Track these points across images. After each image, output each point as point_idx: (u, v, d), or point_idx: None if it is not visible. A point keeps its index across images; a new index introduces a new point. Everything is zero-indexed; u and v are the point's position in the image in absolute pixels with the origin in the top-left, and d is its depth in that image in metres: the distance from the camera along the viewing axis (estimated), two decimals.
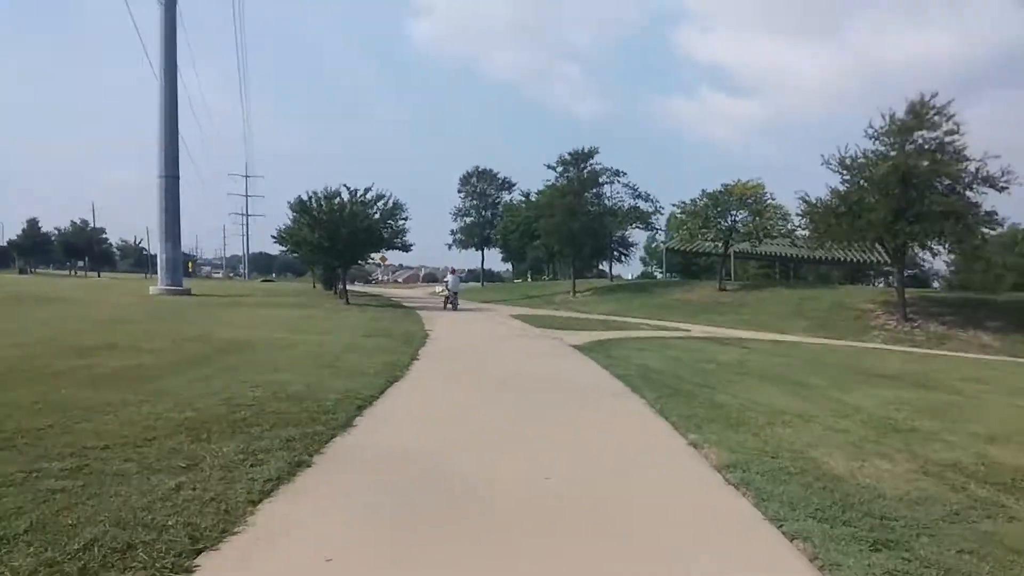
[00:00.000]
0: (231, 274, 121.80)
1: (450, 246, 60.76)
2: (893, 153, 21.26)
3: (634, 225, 38.64)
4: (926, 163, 20.67)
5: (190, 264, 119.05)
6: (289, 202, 25.88)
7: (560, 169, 36.61)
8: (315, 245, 26.49)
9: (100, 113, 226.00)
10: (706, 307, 28.79)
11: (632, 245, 51.63)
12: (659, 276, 72.88)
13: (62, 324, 13.42)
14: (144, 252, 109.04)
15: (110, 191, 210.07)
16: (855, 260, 46.55)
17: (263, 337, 12.56)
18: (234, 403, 6.14)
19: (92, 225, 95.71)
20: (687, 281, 40.55)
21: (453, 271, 30.26)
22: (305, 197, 25.86)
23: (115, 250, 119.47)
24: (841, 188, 22.44)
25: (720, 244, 32.65)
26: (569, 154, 36.29)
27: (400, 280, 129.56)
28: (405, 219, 28.58)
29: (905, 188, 20.76)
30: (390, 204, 27.52)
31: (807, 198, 23.51)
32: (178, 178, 32.25)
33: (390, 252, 32.28)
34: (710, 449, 5.56)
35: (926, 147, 21.14)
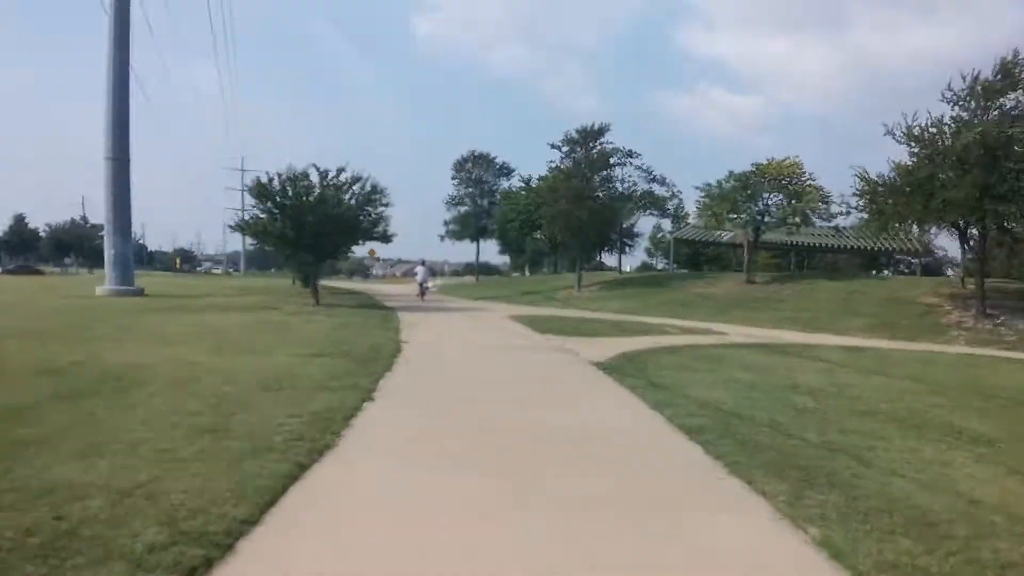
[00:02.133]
0: (231, 269, 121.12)
1: (443, 237, 56.86)
2: (976, 120, 17.87)
3: (648, 212, 35.15)
4: (1018, 130, 17.22)
5: (176, 261, 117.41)
6: (246, 186, 22.11)
7: (566, 149, 32.92)
8: (279, 236, 22.79)
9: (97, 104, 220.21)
10: (735, 302, 25.25)
11: (637, 236, 48.33)
12: (661, 268, 69.40)
13: None
14: (145, 248, 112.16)
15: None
16: (869, 248, 43.30)
17: (168, 361, 8.96)
18: None
19: (89, 221, 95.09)
20: (708, 273, 37.01)
21: (423, 263, 32.46)
22: (264, 179, 22.12)
23: None
24: (908, 163, 19.07)
25: (750, 231, 29.05)
26: (576, 131, 32.65)
27: (398, 274, 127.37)
28: (386, 205, 24.86)
29: (993, 160, 17.30)
30: (367, 188, 23.82)
31: (865, 175, 20.04)
32: (128, 161, 28.41)
33: (373, 244, 28.65)
34: None
35: (1015, 111, 17.75)
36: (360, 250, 32.05)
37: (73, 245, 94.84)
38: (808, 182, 27.25)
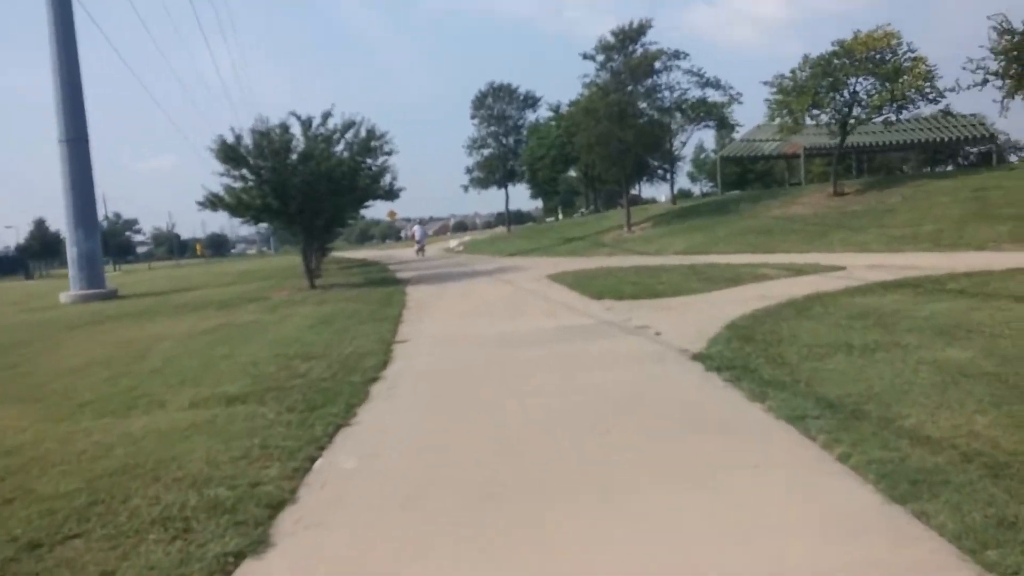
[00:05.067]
0: (263, 248, 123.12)
1: (466, 187, 52.23)
2: None
3: (703, 124, 30.53)
4: None
5: (198, 247, 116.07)
6: (210, 148, 18.08)
7: (601, 59, 28.19)
8: (260, 208, 18.96)
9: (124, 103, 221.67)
10: (830, 223, 20.81)
11: (679, 159, 42.79)
12: (705, 193, 64.25)
13: None
14: (178, 238, 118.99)
15: (150, 180, 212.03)
16: (932, 140, 38.64)
17: None
18: None
19: (121, 217, 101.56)
20: (783, 190, 32.08)
21: (420, 223, 34.79)
22: (231, 138, 18.09)
23: (148, 240, 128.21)
24: None
25: (836, 127, 24.22)
26: (613, 34, 27.88)
27: (431, 233, 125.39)
28: (388, 153, 20.84)
29: None
30: (362, 133, 19.75)
31: (1006, 25, 15.33)
32: (86, 142, 24.78)
33: (379, 203, 24.86)
34: None
35: None
36: (377, 213, 28.86)
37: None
38: (908, 55, 22.23)
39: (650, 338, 8.01)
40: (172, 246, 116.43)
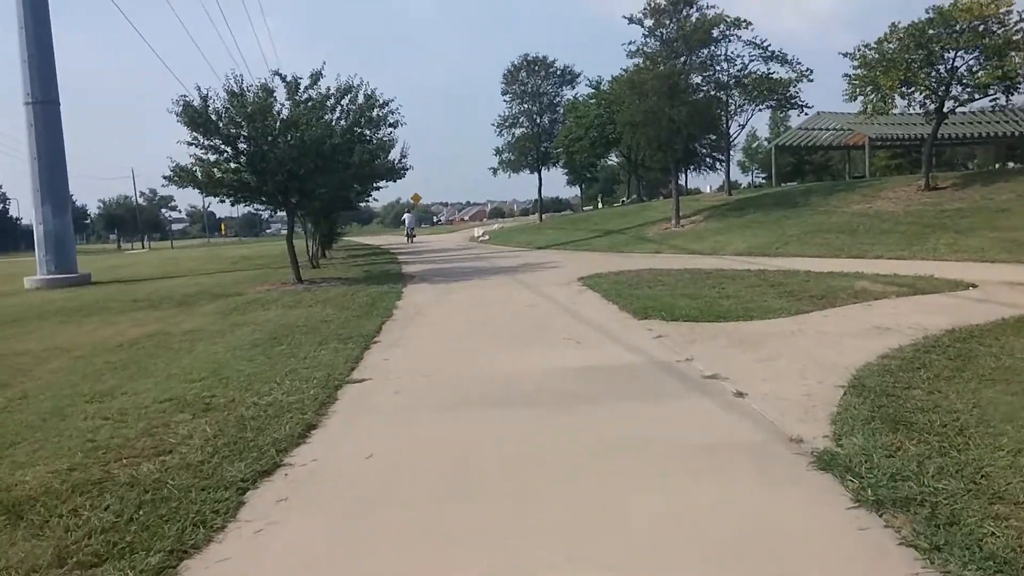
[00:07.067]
0: (298, 228, 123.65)
1: (495, 170, 49.22)
2: None
3: (765, 104, 27.54)
4: None
5: (223, 226, 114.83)
6: (173, 112, 15.45)
7: (650, 24, 25.11)
8: (235, 185, 16.41)
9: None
10: (928, 222, 17.72)
11: (733, 144, 39.43)
12: (759, 185, 60.75)
13: None
14: (213, 216, 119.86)
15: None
16: (1009, 134, 35.66)
17: None
18: None
19: (156, 194, 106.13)
20: (862, 182, 28.74)
21: (409, 210, 38.12)
22: (198, 100, 15.46)
23: (184, 217, 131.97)
24: None
25: (932, 107, 20.95)
26: None
27: (466, 218, 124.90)
28: (393, 125, 18.22)
29: None
30: (359, 98, 17.01)
31: None
32: (57, 104, 22.59)
33: (379, 183, 22.26)
34: None
35: None
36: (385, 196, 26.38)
37: (124, 219, 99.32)
38: (1021, 25, 18.93)
39: (729, 404, 5.26)
40: (205, 224, 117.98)
